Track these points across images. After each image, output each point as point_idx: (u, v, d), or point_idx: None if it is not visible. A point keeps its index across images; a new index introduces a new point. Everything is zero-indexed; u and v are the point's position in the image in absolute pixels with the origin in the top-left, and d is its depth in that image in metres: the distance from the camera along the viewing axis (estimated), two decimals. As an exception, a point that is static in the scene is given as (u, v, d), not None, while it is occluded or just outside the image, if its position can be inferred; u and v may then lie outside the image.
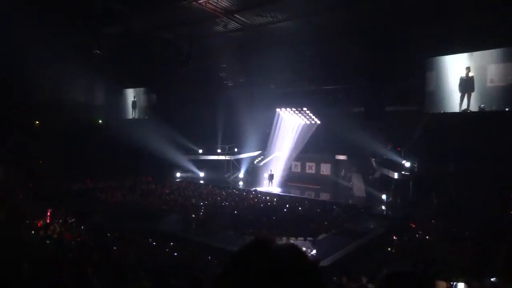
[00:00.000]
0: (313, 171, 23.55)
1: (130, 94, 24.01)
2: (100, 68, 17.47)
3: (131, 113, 24.02)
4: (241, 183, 22.70)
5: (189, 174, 24.86)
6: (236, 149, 25.77)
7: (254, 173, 25.07)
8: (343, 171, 22.09)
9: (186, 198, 16.32)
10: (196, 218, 12.99)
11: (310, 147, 22.58)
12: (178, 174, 23.65)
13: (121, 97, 23.88)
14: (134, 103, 23.99)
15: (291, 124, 23.99)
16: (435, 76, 14.78)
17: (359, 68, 15.97)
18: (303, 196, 18.11)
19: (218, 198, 16.18)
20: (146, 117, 23.64)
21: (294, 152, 23.42)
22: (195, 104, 24.30)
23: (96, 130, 21.04)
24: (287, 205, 15.03)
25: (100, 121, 22.81)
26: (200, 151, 25.49)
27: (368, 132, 18.12)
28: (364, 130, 18.55)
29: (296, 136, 23.64)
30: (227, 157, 23.90)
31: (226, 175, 24.98)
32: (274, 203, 15.71)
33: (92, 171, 18.10)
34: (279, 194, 18.22)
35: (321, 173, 23.15)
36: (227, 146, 24.74)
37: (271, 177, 20.64)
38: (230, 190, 18.50)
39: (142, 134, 20.67)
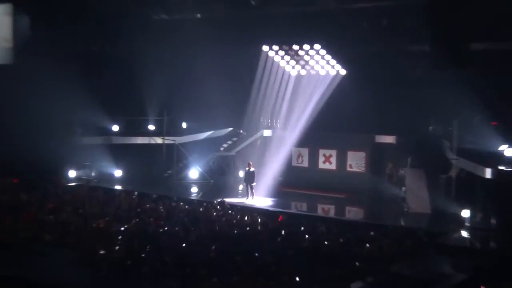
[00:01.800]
0: (332, 165, 25.13)
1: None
2: None
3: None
4: (194, 189, 24.70)
5: (94, 173, 26.11)
6: (184, 125, 28.05)
7: (218, 170, 27.23)
8: (390, 166, 23.34)
9: (87, 218, 16.89)
10: (107, 257, 12.90)
11: (326, 122, 23.74)
12: (73, 173, 25.20)
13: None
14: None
15: (289, 78, 25.46)
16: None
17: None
18: (312, 214, 19.41)
19: (151, 219, 16.65)
20: (12, 63, 24.33)
21: (296, 130, 24.61)
22: (108, 39, 26.28)
23: None
24: (283, 231, 15.45)
25: None
26: (116, 128, 26.91)
27: (437, 93, 19.31)
28: (428, 88, 19.86)
29: (300, 101, 25.00)
30: (167, 140, 26.40)
31: (165, 173, 26.62)
32: (258, 227, 16.52)
33: None
34: (267, 210, 19.53)
35: (348, 169, 24.71)
36: (166, 120, 26.29)
37: (249, 177, 21.89)
38: (173, 203, 19.42)
39: (1, 98, 21.38)
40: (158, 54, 25.22)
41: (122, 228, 15.65)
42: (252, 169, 21.96)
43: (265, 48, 24.10)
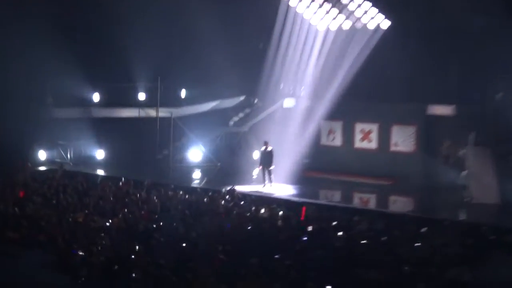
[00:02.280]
0: (372, 144, 25.47)
1: None
2: None
3: None
4: (196, 174, 25.25)
5: (70, 154, 26.47)
6: (182, 94, 28.58)
7: (227, 150, 27.79)
8: (446, 144, 23.23)
9: (62, 211, 17.12)
10: (88, 260, 12.96)
11: (365, 89, 24.02)
12: (43, 155, 25.70)
13: None
14: None
15: (316, 34, 25.56)
16: None
17: None
18: (347, 205, 19.69)
19: (142, 212, 16.92)
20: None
21: (326, 100, 24.74)
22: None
23: None
24: (310, 227, 15.73)
25: None
26: (97, 98, 27.05)
27: (509, 50, 19.20)
28: (497, 43, 19.91)
29: (331, 62, 25.19)
30: (162, 113, 26.84)
31: (160, 155, 27.11)
32: (278, 222, 16.70)
33: None
34: (289, 200, 19.83)
35: (393, 148, 24.94)
36: (160, 87, 26.60)
37: (266, 158, 22.18)
38: (170, 192, 19.97)
39: None
40: (149, 5, 25.03)
41: (107, 224, 15.79)
42: (269, 148, 22.06)
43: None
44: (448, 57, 21.67)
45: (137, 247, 13.49)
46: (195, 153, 26.15)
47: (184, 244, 14.04)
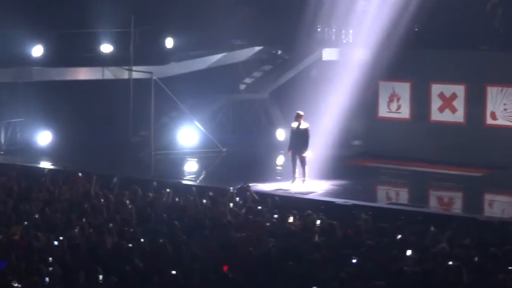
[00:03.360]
0: (457, 115, 25.51)
1: None
2: None
3: None
4: (190, 165, 25.09)
5: (1, 138, 26.37)
6: (168, 44, 28.23)
7: (237, 128, 27.92)
8: None
9: None
10: None
11: (443, 31, 24.33)
12: None
13: None
14: None
15: None
16: None
17: None
18: (419, 209, 20.02)
19: (110, 224, 16.79)
20: None
21: (387, 49, 24.94)
22: None
23: None
24: (365, 243, 15.60)
25: None
26: (37, 52, 26.89)
27: None
28: None
29: None
30: (138, 74, 27.06)
31: (136, 136, 27.27)
32: (315, 237, 16.79)
33: None
34: (332, 203, 20.32)
35: (489, 122, 24.93)
36: (134, 34, 26.51)
37: (299, 140, 22.44)
38: (151, 193, 20.13)
39: None
40: None
41: (56, 242, 15.73)
42: (304, 125, 22.08)
43: None
44: None
45: (100, 277, 13.51)
46: (189, 134, 26.11)
47: (173, 272, 13.99)
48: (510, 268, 13.92)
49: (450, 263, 14.10)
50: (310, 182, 21.70)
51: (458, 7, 23.59)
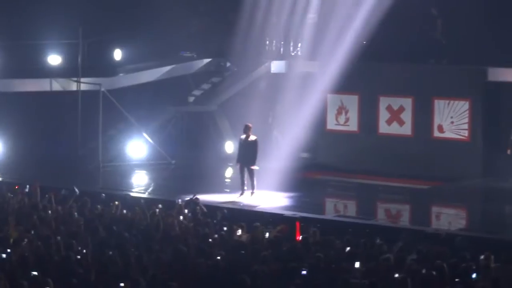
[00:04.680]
0: (405, 127, 25.68)
1: None
2: None
3: None
4: (138, 177, 25.41)
5: None
6: (117, 56, 27.90)
7: (185, 139, 27.97)
8: None
9: None
10: None
11: (392, 44, 24.36)
12: None
13: None
14: None
15: None
16: None
17: None
18: (368, 222, 20.02)
19: (58, 238, 16.45)
20: None
21: (336, 62, 24.74)
22: None
23: None
24: (312, 256, 15.68)
25: None
26: None
27: None
28: None
29: (341, 6, 25.19)
30: (87, 85, 26.92)
31: (83, 149, 26.95)
32: (263, 249, 16.53)
33: None
34: (280, 215, 20.08)
35: (436, 134, 25.15)
36: (83, 45, 26.39)
37: (246, 152, 22.43)
38: (99, 205, 20.10)
39: None
40: None
41: (3, 255, 15.42)
42: (252, 137, 22.04)
43: None
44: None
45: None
46: (137, 146, 26.06)
47: (121, 284, 13.92)
48: (456, 280, 14.00)
49: (397, 275, 14.15)
50: (258, 195, 21.68)
51: (405, 21, 23.75)
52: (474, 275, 14.37)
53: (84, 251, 15.73)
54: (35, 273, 13.64)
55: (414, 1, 23.90)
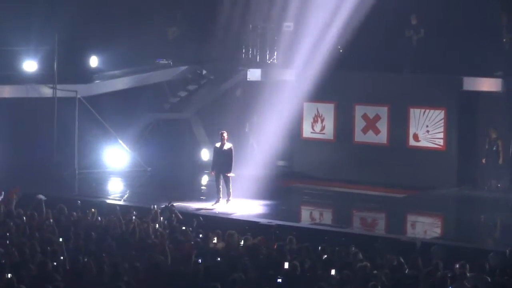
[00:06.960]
0: (380, 136, 25.72)
1: None
2: None
3: None
4: (114, 184, 25.33)
5: None
6: (92, 63, 27.58)
7: (161, 147, 27.78)
8: (492, 136, 23.42)
9: None
10: None
11: (368, 53, 24.36)
12: None
13: None
14: None
15: None
16: None
17: None
18: (341, 229, 20.02)
19: (38, 251, 16.12)
20: None
21: (312, 70, 24.90)
22: None
23: None
24: (288, 263, 15.35)
25: None
26: None
27: None
28: None
29: (316, 14, 25.34)
30: (62, 92, 26.76)
31: (58, 156, 26.53)
32: (240, 254, 16.61)
33: None
34: (256, 223, 20.29)
35: (412, 143, 25.22)
36: (58, 52, 26.13)
37: (221, 160, 22.38)
38: (75, 212, 19.93)
39: None
40: None
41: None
42: (228, 145, 21.98)
43: None
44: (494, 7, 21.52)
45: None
46: (113, 153, 25.93)
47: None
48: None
49: (372, 283, 14.18)
50: (234, 202, 21.64)
51: (380, 30, 23.89)
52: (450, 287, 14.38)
53: (61, 257, 15.68)
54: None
55: (389, 11, 23.90)
